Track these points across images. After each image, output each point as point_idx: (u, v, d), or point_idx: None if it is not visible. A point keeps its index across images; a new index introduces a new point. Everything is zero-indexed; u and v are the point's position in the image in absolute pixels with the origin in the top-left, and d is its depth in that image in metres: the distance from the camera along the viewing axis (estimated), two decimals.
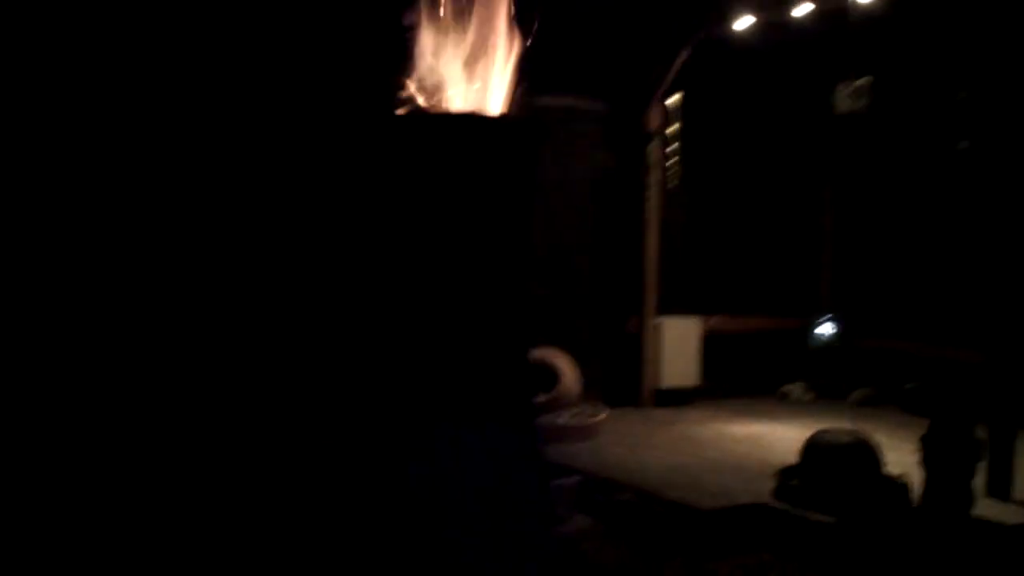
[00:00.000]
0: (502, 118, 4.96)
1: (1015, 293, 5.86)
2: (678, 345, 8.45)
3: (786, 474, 5.69)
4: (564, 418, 7.19)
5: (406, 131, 4.77)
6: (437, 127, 4.73)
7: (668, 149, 8.59)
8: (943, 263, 8.62)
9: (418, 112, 4.95)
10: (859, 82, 7.97)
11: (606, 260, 8.53)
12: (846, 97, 8.59)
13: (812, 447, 5.65)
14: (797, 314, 9.37)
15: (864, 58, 8.43)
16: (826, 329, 9.29)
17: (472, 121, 4.76)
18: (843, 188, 9.56)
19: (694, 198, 9.01)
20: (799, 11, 7.76)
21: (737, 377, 9.08)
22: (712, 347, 8.71)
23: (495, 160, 4.55)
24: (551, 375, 7.38)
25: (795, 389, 9.11)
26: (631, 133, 8.49)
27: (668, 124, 8.56)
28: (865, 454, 5.49)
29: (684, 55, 8.18)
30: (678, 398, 8.46)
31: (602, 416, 7.37)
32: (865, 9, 7.47)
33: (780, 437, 7.19)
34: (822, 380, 9.15)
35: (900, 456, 5.62)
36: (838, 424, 6.23)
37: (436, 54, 4.96)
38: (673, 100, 8.45)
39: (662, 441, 7.13)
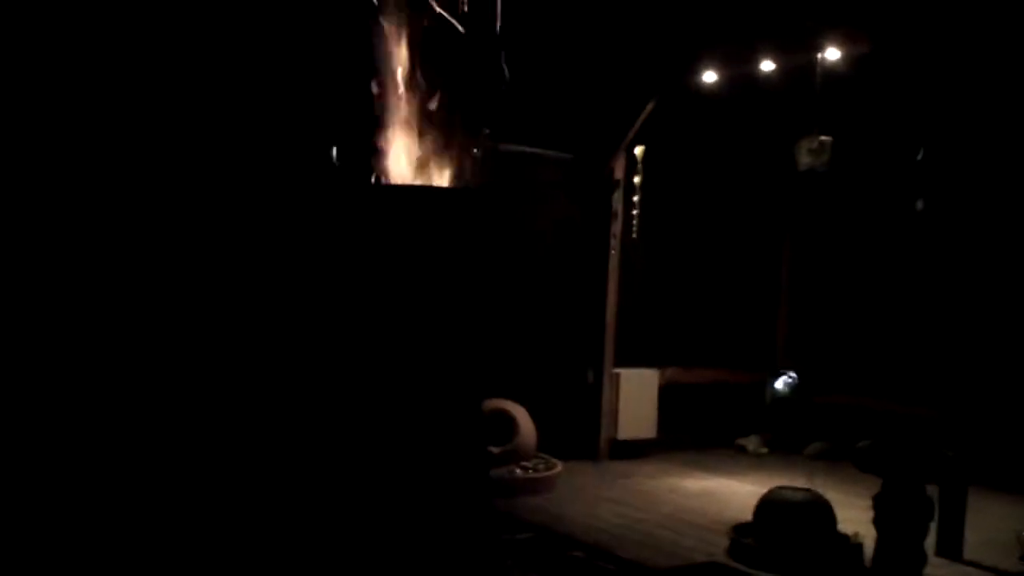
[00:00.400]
0: (455, 191, 5.17)
1: (966, 352, 5.93)
2: (635, 397, 8.39)
3: (740, 532, 5.63)
4: (519, 471, 7.08)
5: (365, 203, 4.99)
6: (392, 199, 4.99)
7: (634, 198, 8.59)
8: (899, 320, 8.70)
9: (376, 184, 5.09)
10: (821, 139, 8.02)
11: (567, 309, 8.47)
12: (807, 153, 8.62)
13: (767, 505, 5.60)
14: (754, 367, 9.38)
15: (827, 115, 8.53)
16: (782, 383, 9.30)
17: (426, 193, 5.02)
18: (802, 243, 9.64)
19: (655, 249, 9.03)
20: (764, 66, 7.84)
21: (693, 429, 9.05)
22: (669, 398, 8.67)
23: (445, 227, 4.79)
24: (508, 426, 7.28)
25: (750, 442, 9.09)
26: (595, 182, 8.49)
27: (633, 174, 8.57)
28: (819, 513, 5.46)
29: (650, 106, 8.22)
30: (634, 450, 8.39)
31: (558, 469, 7.27)
32: (830, 67, 7.57)
33: (735, 492, 7.14)
34: (777, 434, 9.14)
35: (854, 513, 5.60)
36: (792, 479, 6.22)
37: (396, 125, 5.10)
38: (639, 150, 8.47)
39: (617, 495, 7.04)
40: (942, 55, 7.30)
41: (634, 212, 8.62)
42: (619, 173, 8.47)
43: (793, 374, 9.28)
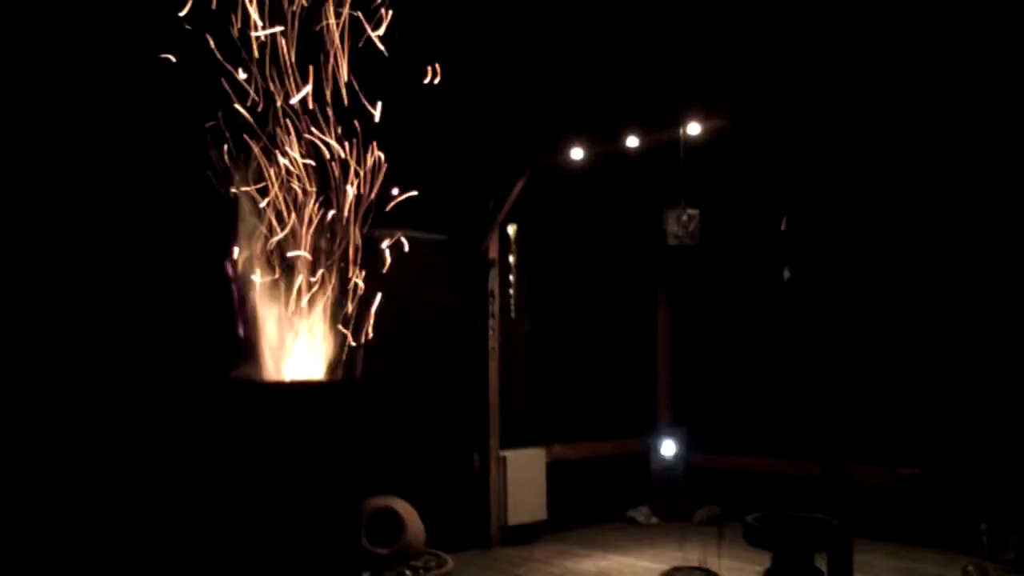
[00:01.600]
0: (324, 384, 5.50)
1: (841, 409, 6.12)
2: (523, 479, 8.26)
3: None
4: (409, 572, 6.81)
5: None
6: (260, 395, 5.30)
7: (510, 277, 8.53)
8: (775, 380, 8.91)
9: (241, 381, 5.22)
10: (688, 211, 8.18)
11: (449, 393, 8.29)
12: (676, 224, 8.80)
13: None
14: (638, 435, 9.41)
15: (694, 187, 8.71)
16: (667, 449, 9.36)
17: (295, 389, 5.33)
18: (677, 310, 9.80)
19: (535, 326, 8.98)
20: (630, 142, 7.95)
21: (583, 505, 8.97)
22: (557, 476, 8.58)
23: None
24: (394, 524, 7.01)
25: (640, 513, 9.07)
26: (471, 263, 8.40)
27: (507, 253, 8.52)
28: None
29: (520, 184, 8.21)
30: (526, 534, 8.24)
31: (449, 566, 7.02)
32: (693, 141, 7.73)
33: (629, 570, 7.08)
34: (665, 502, 9.17)
35: None
36: (684, 551, 6.20)
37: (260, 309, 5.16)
38: (512, 229, 8.44)
39: None
40: (797, 126, 7.54)
41: (510, 291, 8.56)
42: (493, 252, 8.41)
43: (677, 439, 9.36)
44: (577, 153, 8.08)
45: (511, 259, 8.52)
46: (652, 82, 7.63)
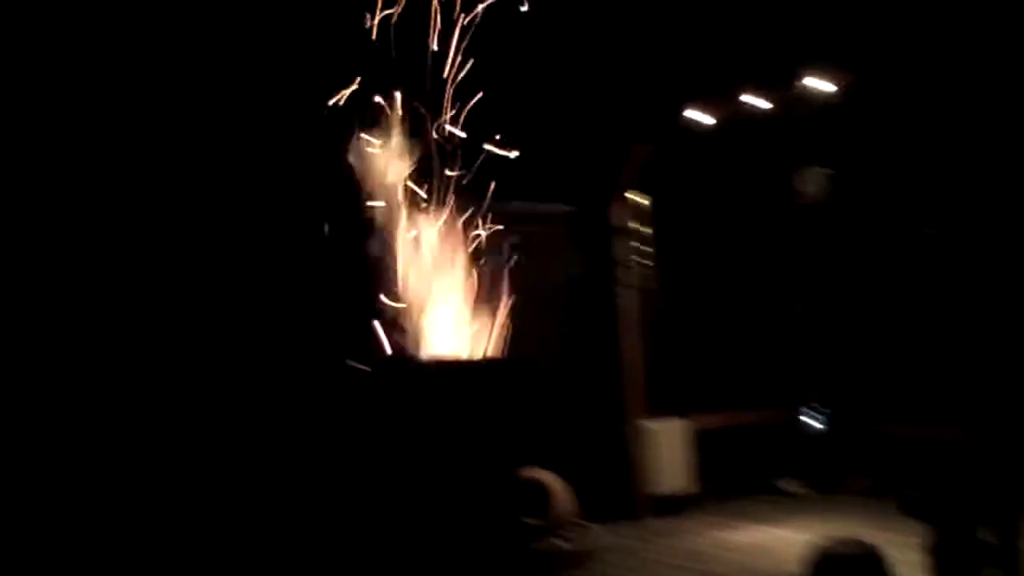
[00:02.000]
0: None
1: (991, 372, 5.84)
2: (668, 449, 8.23)
3: None
4: (560, 541, 6.91)
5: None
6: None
7: (643, 249, 8.49)
8: (922, 343, 8.54)
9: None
10: (819, 171, 7.99)
11: (587, 366, 8.34)
12: (807, 184, 8.61)
13: (819, 561, 5.41)
14: (784, 405, 9.21)
15: (825, 146, 8.49)
16: (814, 418, 9.13)
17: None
18: (815, 273, 9.51)
19: (672, 296, 8.89)
20: (752, 103, 7.81)
21: (731, 476, 8.83)
22: (703, 447, 8.50)
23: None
24: (543, 496, 7.13)
25: (790, 484, 8.88)
26: (597, 232, 8.41)
27: (638, 222, 8.48)
28: (874, 567, 5.27)
29: (643, 151, 8.18)
30: (673, 505, 8.20)
31: (598, 535, 7.11)
32: (821, 101, 7.54)
33: (781, 542, 6.94)
34: (816, 472, 8.95)
35: (905, 554, 5.41)
36: (839, 524, 6.04)
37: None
38: (642, 200, 8.41)
39: (664, 557, 6.84)
40: (929, 77, 7.26)
41: (646, 261, 8.53)
42: (618, 220, 8.39)
43: (825, 408, 9.12)
44: (699, 117, 8.00)
45: (642, 229, 8.50)
46: (772, 41, 7.47)
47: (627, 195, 8.42)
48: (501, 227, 7.01)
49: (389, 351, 6.00)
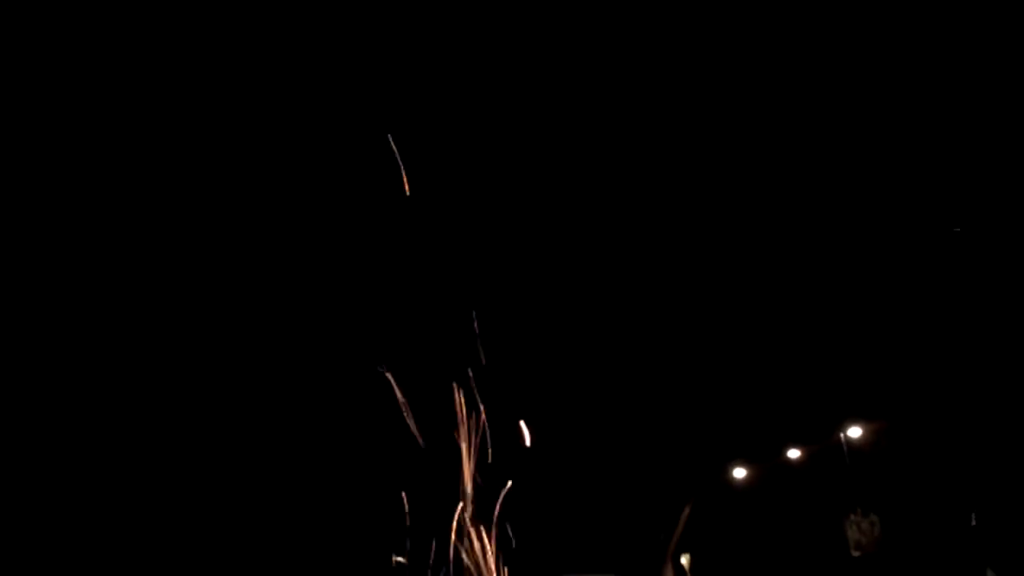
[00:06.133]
0: None
1: None
2: None
3: None
4: None
5: None
6: None
7: None
8: None
9: None
10: (869, 518, 7.88)
11: None
12: (856, 533, 8.44)
13: None
14: None
15: (868, 492, 8.44)
16: None
17: None
18: None
19: None
20: (791, 454, 7.87)
21: None
22: None
23: None
24: None
25: None
26: None
27: None
28: None
29: (687, 512, 8.07)
30: None
31: None
32: (856, 444, 7.62)
33: None
34: None
35: None
36: None
37: None
38: (685, 559, 8.16)
39: None
40: (963, 419, 7.42)
41: None
42: None
43: None
44: (740, 473, 8.01)
45: None
46: (809, 395, 7.69)
47: (675, 558, 8.18)
48: None
49: None
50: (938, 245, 7.18)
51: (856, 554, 7.88)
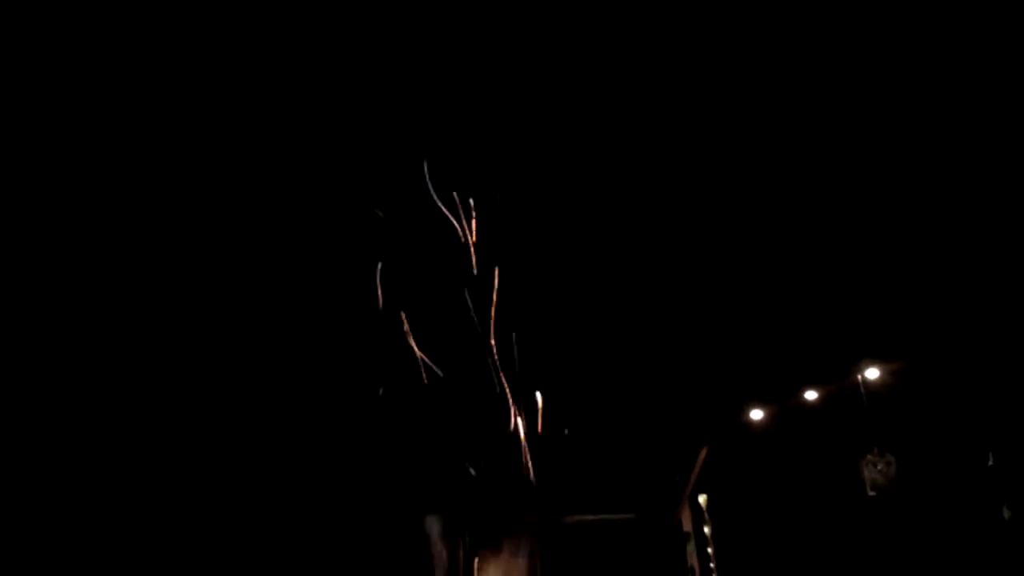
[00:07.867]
0: None
1: None
2: None
3: None
4: None
5: None
6: None
7: (708, 550, 8.18)
8: None
9: None
10: (885, 458, 7.89)
11: None
12: (873, 473, 8.46)
13: None
14: None
15: (882, 433, 8.44)
16: None
17: None
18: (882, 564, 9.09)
19: None
20: (808, 395, 7.88)
21: None
22: None
23: None
24: None
25: None
26: (664, 538, 8.13)
27: (702, 524, 8.24)
28: None
29: (703, 453, 8.12)
30: None
31: None
32: (873, 385, 7.61)
33: None
34: None
35: None
36: None
37: None
38: (703, 499, 8.22)
39: None
40: (980, 359, 7.39)
41: (711, 565, 8.17)
42: (687, 525, 8.14)
43: None
44: (757, 414, 8.02)
45: (706, 531, 8.21)
46: (826, 336, 7.67)
47: (692, 498, 8.26)
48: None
49: None
50: (953, 187, 7.12)
51: (872, 494, 7.90)
